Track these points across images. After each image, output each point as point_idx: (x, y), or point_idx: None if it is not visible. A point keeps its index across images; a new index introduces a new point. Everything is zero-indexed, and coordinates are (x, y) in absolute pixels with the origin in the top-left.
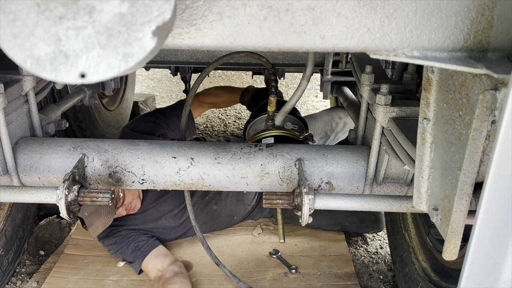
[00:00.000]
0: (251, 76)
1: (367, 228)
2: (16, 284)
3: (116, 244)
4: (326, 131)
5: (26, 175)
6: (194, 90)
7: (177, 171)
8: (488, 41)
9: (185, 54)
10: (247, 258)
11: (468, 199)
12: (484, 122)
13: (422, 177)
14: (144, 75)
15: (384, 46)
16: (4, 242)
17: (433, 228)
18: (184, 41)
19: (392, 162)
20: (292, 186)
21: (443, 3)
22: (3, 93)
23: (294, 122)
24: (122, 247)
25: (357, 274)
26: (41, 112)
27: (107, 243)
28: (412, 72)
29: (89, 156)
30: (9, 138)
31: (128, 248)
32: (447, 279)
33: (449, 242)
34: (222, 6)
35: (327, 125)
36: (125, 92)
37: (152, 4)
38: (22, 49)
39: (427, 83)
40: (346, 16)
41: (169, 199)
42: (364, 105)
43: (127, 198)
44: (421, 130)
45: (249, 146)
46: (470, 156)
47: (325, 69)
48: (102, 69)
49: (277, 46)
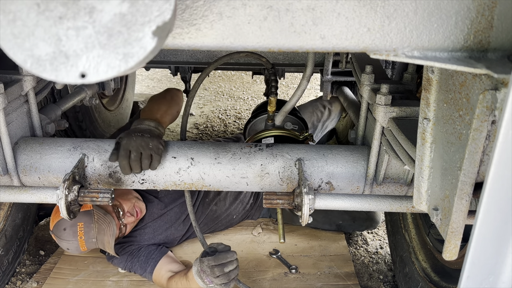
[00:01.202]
0: (251, 76)
1: (361, 226)
2: (16, 284)
3: (126, 261)
4: (313, 121)
5: (26, 175)
6: (194, 90)
7: (177, 171)
8: (488, 41)
9: (185, 54)
10: (247, 258)
11: (468, 199)
12: (484, 122)
13: (422, 177)
14: (144, 75)
15: (384, 46)
16: (4, 242)
17: (433, 228)
18: (184, 41)
19: (392, 162)
20: (292, 186)
21: (443, 3)
22: (3, 93)
23: (294, 122)
24: (133, 262)
25: (357, 274)
26: (41, 112)
27: (116, 262)
28: (412, 72)
29: (89, 156)
30: (9, 138)
31: (138, 260)
32: (447, 279)
33: (449, 242)
34: (222, 6)
35: (312, 115)
36: (125, 92)
37: (152, 4)
38: (22, 49)
39: (427, 83)
40: (346, 16)
41: (175, 208)
42: (364, 105)
43: (125, 205)
44: (421, 130)
45: (249, 146)
46: (470, 156)
47: (325, 69)
48: (102, 69)
49: (277, 46)
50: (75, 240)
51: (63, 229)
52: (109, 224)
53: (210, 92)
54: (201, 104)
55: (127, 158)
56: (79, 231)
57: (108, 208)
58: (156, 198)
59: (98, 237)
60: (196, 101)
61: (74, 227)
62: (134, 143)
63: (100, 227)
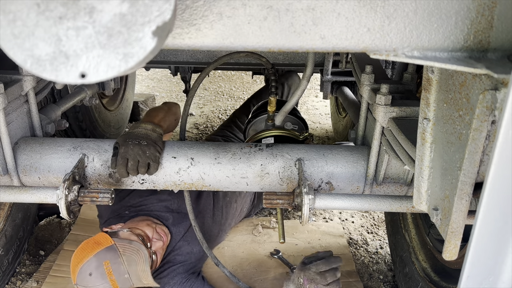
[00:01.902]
0: (251, 76)
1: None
2: (16, 284)
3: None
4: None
5: (26, 175)
6: (194, 90)
7: (177, 171)
8: (488, 41)
9: (185, 54)
10: (248, 258)
11: (468, 199)
12: (484, 122)
13: (422, 177)
14: (144, 75)
15: (384, 46)
16: (4, 242)
17: (433, 228)
18: (184, 41)
19: (392, 162)
20: (292, 186)
21: (443, 3)
22: (3, 93)
23: (294, 122)
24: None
25: (357, 273)
26: (41, 112)
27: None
28: (412, 72)
29: (89, 156)
30: (9, 138)
31: None
32: (447, 279)
33: (449, 242)
34: (222, 6)
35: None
36: (125, 92)
37: (152, 4)
38: (22, 49)
39: (427, 83)
40: (346, 16)
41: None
42: (364, 105)
43: (148, 231)
44: (421, 130)
45: (249, 146)
46: (470, 156)
47: (325, 69)
48: (102, 69)
49: (277, 46)
50: (105, 282)
51: (89, 274)
52: (138, 251)
53: (210, 92)
54: (201, 104)
55: (124, 167)
56: (106, 271)
57: (132, 237)
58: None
59: (130, 270)
60: (196, 101)
61: (100, 268)
62: (131, 152)
63: (129, 258)
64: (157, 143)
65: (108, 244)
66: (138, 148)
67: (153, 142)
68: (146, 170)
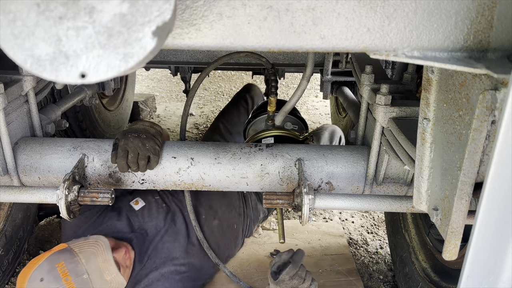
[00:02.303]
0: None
1: None
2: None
3: None
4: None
5: (26, 175)
6: (194, 90)
7: (177, 171)
8: (488, 41)
9: (185, 54)
10: (248, 259)
11: (468, 199)
12: (484, 122)
13: (422, 177)
14: (144, 75)
15: (384, 46)
16: (4, 242)
17: (433, 228)
18: (184, 41)
19: (392, 162)
20: (292, 186)
21: (443, 3)
22: (3, 93)
23: (294, 122)
24: None
25: (358, 272)
26: (41, 112)
27: None
28: (412, 72)
29: (89, 156)
30: (9, 138)
31: None
32: (447, 279)
33: (449, 242)
34: (222, 6)
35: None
36: (125, 92)
37: (152, 4)
38: (22, 49)
39: (427, 83)
40: (346, 16)
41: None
42: (364, 105)
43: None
44: (421, 130)
45: (249, 146)
46: (470, 156)
47: (325, 69)
48: (102, 69)
49: (277, 46)
50: (60, 286)
51: (40, 280)
52: (97, 241)
53: (210, 92)
54: (201, 104)
55: (125, 159)
56: (61, 273)
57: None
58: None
59: (89, 267)
60: (196, 101)
61: (53, 271)
62: (131, 144)
63: (87, 254)
64: (156, 137)
65: (62, 247)
66: (138, 141)
67: (152, 136)
68: (146, 163)
